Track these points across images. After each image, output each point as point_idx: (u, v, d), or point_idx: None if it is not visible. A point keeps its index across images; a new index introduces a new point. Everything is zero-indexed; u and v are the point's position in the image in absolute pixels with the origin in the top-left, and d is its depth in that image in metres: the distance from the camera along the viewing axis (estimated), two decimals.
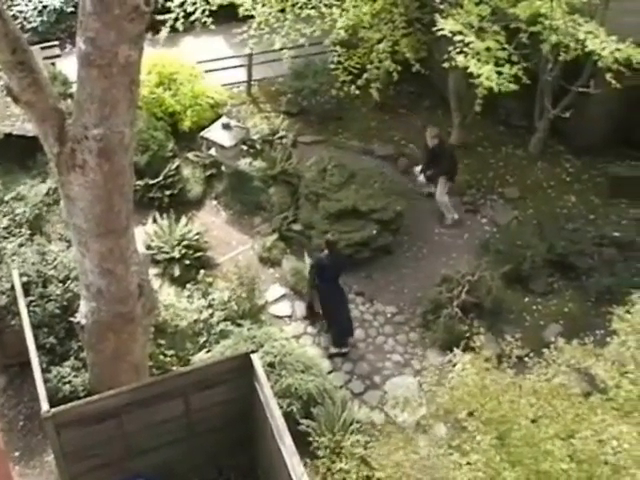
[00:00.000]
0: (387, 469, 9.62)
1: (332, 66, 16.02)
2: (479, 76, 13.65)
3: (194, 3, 15.84)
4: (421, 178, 16.33)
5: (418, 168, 16.44)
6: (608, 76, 13.61)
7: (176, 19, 15.81)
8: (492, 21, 14.29)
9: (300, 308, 14.79)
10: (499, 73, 13.61)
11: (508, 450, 8.56)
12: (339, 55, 15.71)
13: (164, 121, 16.80)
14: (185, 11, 15.86)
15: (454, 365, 9.91)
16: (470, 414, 9.06)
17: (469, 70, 13.77)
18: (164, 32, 15.98)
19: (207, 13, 15.88)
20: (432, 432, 10.44)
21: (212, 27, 15.96)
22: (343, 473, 11.33)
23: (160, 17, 15.90)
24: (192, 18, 15.95)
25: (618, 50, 13.37)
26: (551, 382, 9.11)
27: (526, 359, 13.22)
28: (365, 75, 15.55)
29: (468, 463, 8.48)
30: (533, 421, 8.71)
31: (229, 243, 15.83)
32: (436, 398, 9.38)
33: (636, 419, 8.49)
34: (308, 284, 14.52)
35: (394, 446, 9.69)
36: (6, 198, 14.54)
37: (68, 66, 16.27)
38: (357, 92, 15.77)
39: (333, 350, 14.21)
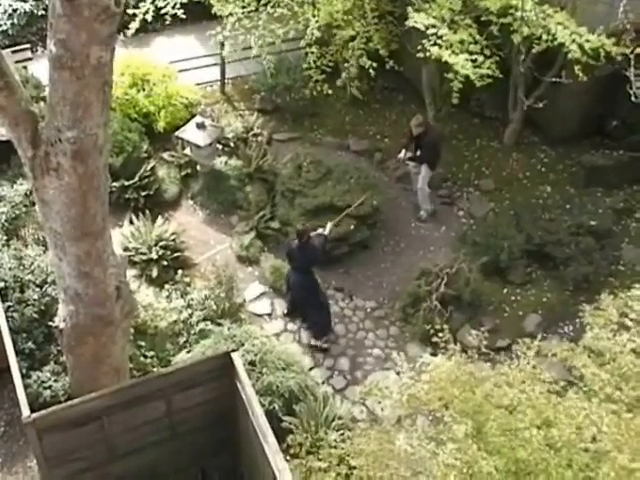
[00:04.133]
0: (362, 458, 9.65)
1: (305, 66, 16.02)
2: (451, 67, 13.67)
3: None
4: (401, 155, 16.16)
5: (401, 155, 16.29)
6: (577, 69, 13.69)
7: (146, 12, 15.66)
8: (464, 13, 14.33)
9: (280, 306, 14.80)
10: (473, 61, 13.63)
11: (485, 439, 8.60)
12: (312, 53, 15.67)
13: (138, 122, 16.73)
14: (156, 6, 15.75)
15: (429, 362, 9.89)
16: (446, 406, 9.10)
17: (443, 60, 13.78)
18: (134, 25, 15.80)
19: (178, 6, 15.76)
20: (412, 425, 10.45)
21: (183, 16, 15.79)
22: (322, 473, 11.32)
23: (130, 11, 15.79)
24: (163, 11, 15.81)
25: (587, 41, 13.43)
26: (524, 370, 9.15)
27: (507, 350, 13.45)
28: (344, 75, 15.57)
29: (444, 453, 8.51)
30: (510, 412, 8.75)
31: (207, 243, 15.80)
32: (412, 391, 9.39)
33: (612, 407, 8.55)
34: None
35: (371, 438, 9.71)
36: None
37: (40, 69, 16.17)
38: (330, 91, 15.79)
39: (312, 342, 14.24)
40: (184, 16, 15.81)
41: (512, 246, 15.04)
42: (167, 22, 16.04)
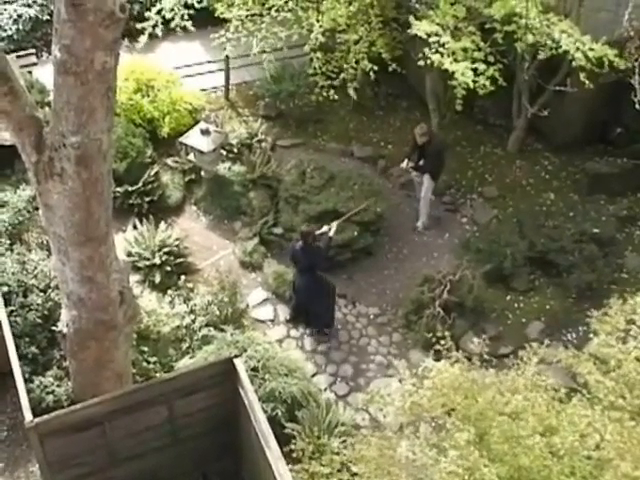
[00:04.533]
0: (363, 465, 9.64)
1: (310, 71, 16.05)
2: (454, 74, 13.68)
3: (172, 10, 15.84)
4: (403, 165, 16.14)
5: (403, 164, 16.25)
6: (582, 76, 13.69)
7: (155, 26, 15.79)
8: (468, 20, 14.35)
9: (283, 312, 14.79)
10: (474, 70, 13.64)
11: (488, 447, 8.58)
12: (318, 59, 15.69)
13: (142, 127, 16.75)
14: (164, 17, 15.84)
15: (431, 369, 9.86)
16: (448, 413, 9.09)
17: (444, 68, 13.80)
18: (143, 39, 15.97)
19: (187, 17, 15.87)
20: (415, 432, 10.46)
21: (192, 29, 15.94)
22: (325, 479, 11.30)
23: (139, 25, 15.93)
24: (172, 25, 15.94)
25: (591, 50, 13.44)
26: (528, 377, 9.14)
27: (510, 356, 13.41)
28: (342, 75, 15.55)
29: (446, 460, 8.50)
30: (513, 419, 8.73)
31: (210, 248, 15.80)
32: (414, 397, 9.38)
33: (616, 414, 8.53)
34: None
35: (373, 445, 9.69)
36: None
37: (45, 74, 16.23)
38: (336, 97, 15.78)
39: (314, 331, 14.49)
40: (193, 28, 15.89)
41: (515, 253, 15.03)
42: (175, 30, 16.19)
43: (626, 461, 7.97)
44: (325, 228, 14.08)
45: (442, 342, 9.73)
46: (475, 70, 13.65)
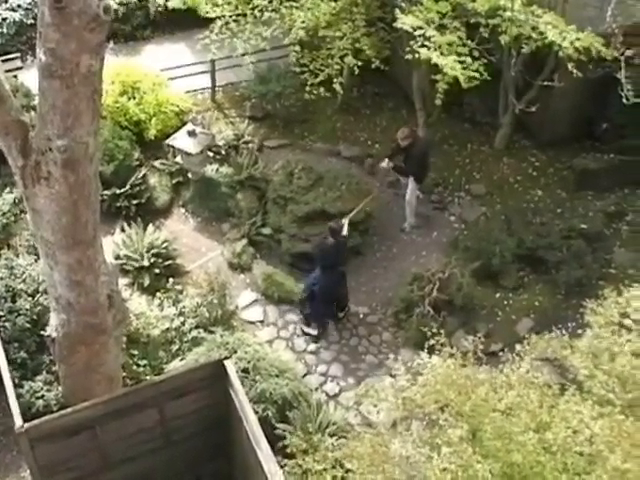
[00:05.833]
0: (356, 462, 9.64)
1: (298, 70, 16.00)
2: (442, 68, 13.65)
3: None
4: (384, 164, 16.15)
5: (384, 164, 16.27)
6: (570, 66, 13.67)
7: None
8: (452, 17, 14.33)
9: (272, 312, 14.77)
10: (461, 62, 13.62)
11: (480, 443, 8.59)
12: (302, 56, 15.66)
13: (129, 130, 16.71)
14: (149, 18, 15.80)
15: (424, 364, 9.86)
16: (442, 409, 9.09)
17: (432, 62, 13.76)
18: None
19: None
20: (408, 429, 10.47)
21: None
22: (318, 475, 11.29)
23: None
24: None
25: (578, 39, 13.44)
26: (520, 374, 9.15)
27: (500, 353, 13.42)
28: (327, 70, 15.48)
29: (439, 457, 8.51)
30: (507, 416, 8.74)
31: (198, 250, 15.78)
32: (407, 393, 9.38)
33: (608, 409, 8.55)
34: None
35: (366, 442, 9.69)
36: None
37: (30, 78, 16.16)
38: (327, 94, 15.68)
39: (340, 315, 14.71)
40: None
41: (504, 250, 15.04)
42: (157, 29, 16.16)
43: (616, 454, 7.99)
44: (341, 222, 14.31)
45: (435, 338, 9.75)
46: (462, 63, 13.63)
